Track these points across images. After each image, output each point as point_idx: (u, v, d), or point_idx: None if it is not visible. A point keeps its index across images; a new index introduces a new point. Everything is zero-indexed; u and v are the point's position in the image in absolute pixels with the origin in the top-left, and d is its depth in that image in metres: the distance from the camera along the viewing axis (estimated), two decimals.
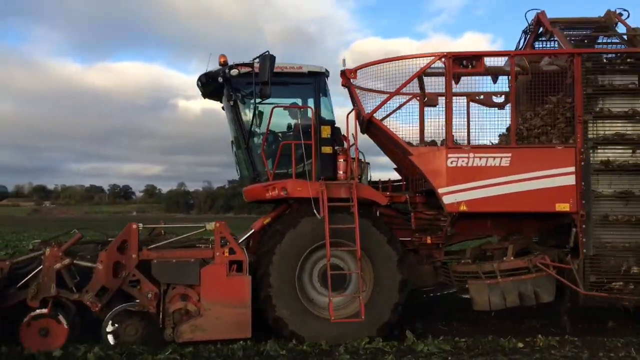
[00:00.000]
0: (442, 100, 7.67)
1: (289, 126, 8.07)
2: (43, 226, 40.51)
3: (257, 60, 7.32)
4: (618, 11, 8.68)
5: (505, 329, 8.01)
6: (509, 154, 7.30)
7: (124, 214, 44.18)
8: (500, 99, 9.32)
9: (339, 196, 7.30)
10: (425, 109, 8.98)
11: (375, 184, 8.97)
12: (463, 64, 7.54)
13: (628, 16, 8.76)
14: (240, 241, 7.78)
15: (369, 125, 8.03)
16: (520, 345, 6.86)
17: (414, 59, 7.62)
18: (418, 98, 9.49)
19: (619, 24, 8.63)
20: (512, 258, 7.53)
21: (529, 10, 8.75)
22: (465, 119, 8.34)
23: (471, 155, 7.33)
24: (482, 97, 9.18)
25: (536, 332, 7.47)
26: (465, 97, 9.02)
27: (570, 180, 7.20)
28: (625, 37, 8.26)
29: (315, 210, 7.08)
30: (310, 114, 7.91)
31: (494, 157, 7.31)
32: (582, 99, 7.23)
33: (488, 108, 9.10)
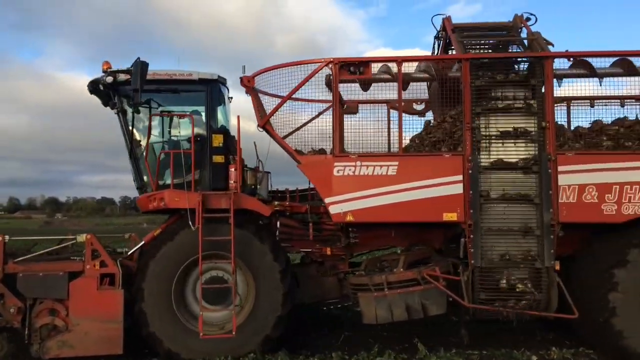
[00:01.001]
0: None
1: (176, 135, 7.82)
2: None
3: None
4: (526, 16, 8.54)
5: (518, 342, 7.70)
6: (396, 163, 7.07)
7: (135, 225, 44.07)
8: (420, 106, 9.15)
9: (218, 207, 7.05)
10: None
11: (283, 194, 8.78)
12: (350, 70, 7.34)
13: (535, 21, 8.61)
14: (129, 253, 7.57)
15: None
16: (535, 358, 6.84)
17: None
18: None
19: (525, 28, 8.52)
20: (401, 270, 7.29)
21: (434, 15, 8.58)
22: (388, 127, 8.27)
23: (358, 163, 7.11)
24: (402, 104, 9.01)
25: (550, 345, 7.36)
26: (385, 105, 8.93)
27: (458, 188, 6.97)
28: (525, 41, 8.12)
29: (190, 222, 6.85)
30: (200, 122, 7.70)
31: (381, 166, 7.08)
32: (470, 105, 7.03)
33: (410, 116, 8.95)
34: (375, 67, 7.50)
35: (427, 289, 7.06)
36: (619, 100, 7.85)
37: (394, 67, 7.37)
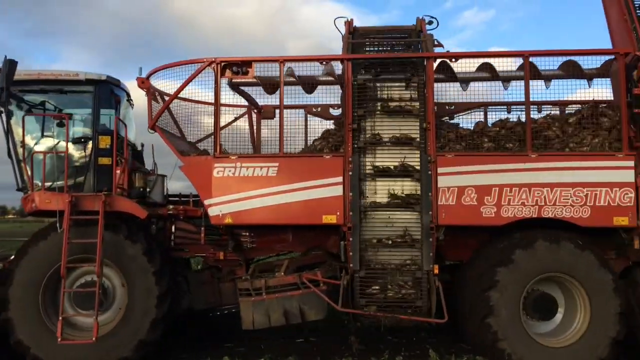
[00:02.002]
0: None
1: (52, 136, 7.64)
2: None
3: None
4: (428, 19, 8.46)
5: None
6: (276, 164, 6.93)
7: None
8: (338, 111, 9.03)
9: (91, 209, 6.87)
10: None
11: (183, 197, 8.60)
12: (233, 70, 7.21)
13: (437, 25, 8.55)
14: (10, 258, 7.37)
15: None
16: None
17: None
18: (255, 110, 9.26)
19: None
20: (282, 274, 7.11)
21: (337, 18, 8.45)
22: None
23: (238, 165, 6.96)
24: (319, 109, 8.91)
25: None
26: (303, 110, 8.83)
27: (338, 191, 6.82)
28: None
29: (58, 224, 6.67)
30: (85, 123, 7.55)
31: (261, 167, 6.93)
32: (351, 105, 6.91)
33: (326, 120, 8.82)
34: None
35: (305, 293, 6.88)
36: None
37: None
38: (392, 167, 6.88)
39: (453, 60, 6.98)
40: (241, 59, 7.21)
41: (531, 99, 6.94)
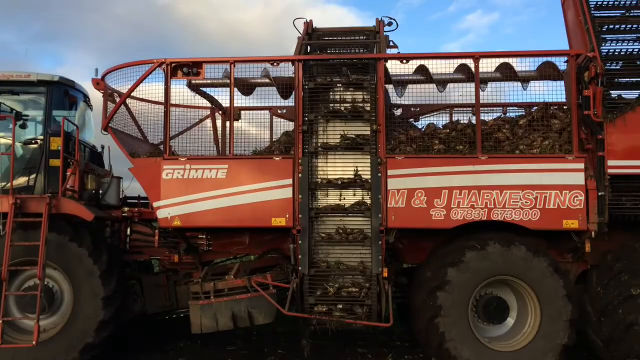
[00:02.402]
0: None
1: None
2: None
3: None
4: (387, 21, 8.41)
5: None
6: (226, 166, 6.85)
7: None
8: None
9: (36, 211, 6.78)
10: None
11: (142, 199, 8.51)
12: (184, 71, 7.13)
13: (396, 27, 8.50)
14: None
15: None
16: None
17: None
18: (220, 112, 9.18)
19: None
20: (232, 277, 7.02)
21: (296, 19, 8.38)
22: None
23: (187, 166, 6.88)
24: (284, 111, 8.86)
25: None
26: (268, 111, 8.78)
27: (287, 193, 6.75)
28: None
29: (0, 226, 6.58)
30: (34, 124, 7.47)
31: (210, 169, 6.85)
32: (302, 107, 6.84)
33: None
34: None
35: (254, 296, 6.79)
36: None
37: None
38: (342, 169, 6.81)
39: (404, 61, 6.90)
40: (191, 59, 7.14)
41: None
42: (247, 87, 7.47)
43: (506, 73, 6.96)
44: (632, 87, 6.66)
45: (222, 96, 8.68)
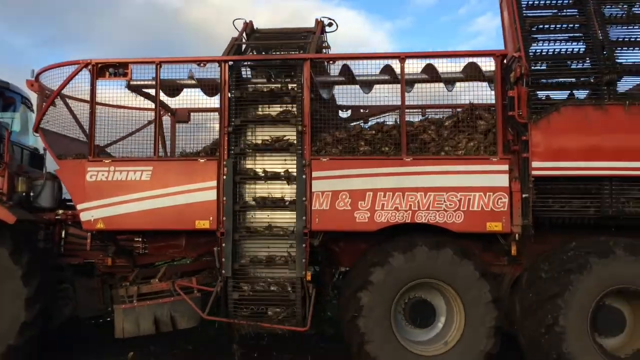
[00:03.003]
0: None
1: None
2: None
3: None
4: (327, 21, 8.35)
5: None
6: (150, 167, 6.76)
7: None
8: None
9: None
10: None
11: None
12: (110, 72, 7.04)
13: (336, 28, 8.43)
14: None
15: None
16: None
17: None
18: (169, 114, 9.10)
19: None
20: (157, 280, 6.93)
21: (235, 19, 8.28)
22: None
23: (112, 168, 6.80)
24: None
25: None
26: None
27: (212, 195, 6.66)
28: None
29: None
30: None
31: (135, 171, 6.76)
32: (228, 107, 6.75)
33: None
34: None
35: (177, 300, 6.70)
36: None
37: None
38: (268, 171, 6.73)
39: (331, 62, 6.84)
40: (117, 60, 7.05)
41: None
42: (172, 89, 7.36)
43: (432, 74, 6.87)
44: (560, 88, 6.54)
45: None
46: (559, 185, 6.24)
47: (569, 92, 6.55)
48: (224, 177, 6.64)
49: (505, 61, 6.57)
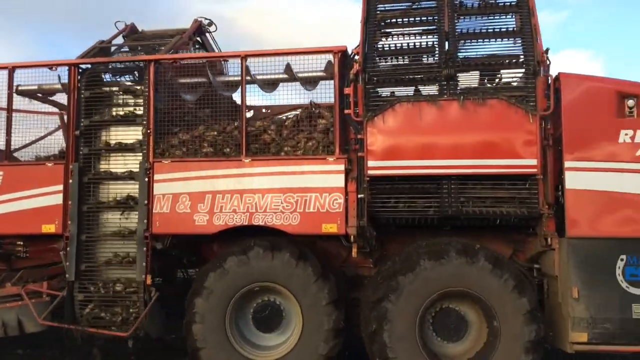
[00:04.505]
0: None
1: None
2: None
3: None
4: (207, 22, 8.30)
5: None
6: (1, 173, 6.79)
7: None
8: None
9: None
10: None
11: None
12: None
13: (216, 29, 8.37)
14: None
15: None
16: None
17: None
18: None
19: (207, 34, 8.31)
20: (9, 284, 6.95)
21: (116, 22, 8.23)
22: None
23: None
24: None
25: None
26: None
27: (58, 199, 6.65)
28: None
29: None
30: None
31: None
32: (75, 112, 6.73)
33: None
34: None
35: (24, 304, 6.70)
36: None
37: None
38: (115, 173, 6.70)
39: (175, 62, 6.75)
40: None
41: None
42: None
43: (290, 74, 6.72)
44: (404, 84, 6.32)
45: None
46: (396, 184, 6.04)
47: (414, 88, 6.34)
48: (70, 181, 6.61)
49: (343, 58, 6.36)
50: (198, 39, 8.35)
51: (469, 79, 6.26)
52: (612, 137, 5.67)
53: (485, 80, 6.23)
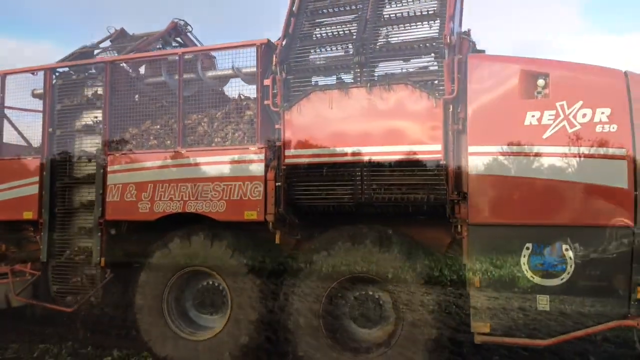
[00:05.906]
0: None
1: None
2: None
3: None
4: (183, 23, 8.84)
5: None
6: None
7: None
8: None
9: None
10: None
11: None
12: None
13: (192, 29, 8.87)
14: None
15: None
16: None
17: None
18: None
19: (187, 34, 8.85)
20: (3, 264, 7.94)
21: (108, 27, 9.00)
22: None
23: None
24: None
25: None
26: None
27: (35, 189, 7.53)
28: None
29: None
30: None
31: None
32: (49, 108, 7.56)
33: None
34: None
35: (6, 282, 7.63)
36: None
37: None
38: (80, 166, 7.44)
39: (122, 63, 7.37)
40: None
41: None
42: None
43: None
44: (318, 73, 6.41)
45: None
46: (311, 173, 6.17)
47: (336, 78, 6.40)
48: (44, 173, 7.46)
49: (266, 50, 6.56)
50: (179, 39, 8.92)
51: (392, 66, 6.19)
52: (518, 120, 5.38)
53: (405, 67, 6.14)
